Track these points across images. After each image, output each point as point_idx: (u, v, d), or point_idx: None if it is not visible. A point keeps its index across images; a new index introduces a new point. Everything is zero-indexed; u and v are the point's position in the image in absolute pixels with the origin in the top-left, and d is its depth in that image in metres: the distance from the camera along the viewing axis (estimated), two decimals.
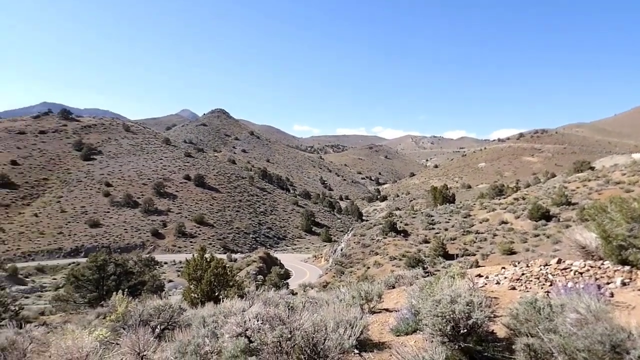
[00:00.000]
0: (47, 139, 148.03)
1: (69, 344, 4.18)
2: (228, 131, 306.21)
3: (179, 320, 8.72)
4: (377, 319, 6.96)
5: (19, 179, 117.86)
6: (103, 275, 28.14)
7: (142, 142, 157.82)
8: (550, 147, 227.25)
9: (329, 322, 5.16)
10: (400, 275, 12.62)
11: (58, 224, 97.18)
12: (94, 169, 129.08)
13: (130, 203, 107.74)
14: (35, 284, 59.09)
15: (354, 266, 46.21)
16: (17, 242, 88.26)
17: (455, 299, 4.81)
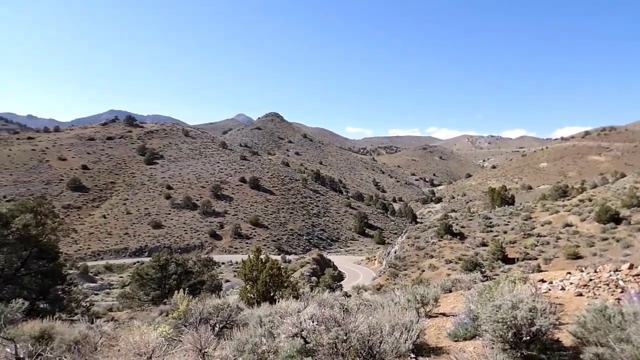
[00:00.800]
0: (114, 144, 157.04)
1: (137, 339, 4.42)
2: (282, 134, 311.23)
3: (237, 319, 8.95)
4: (433, 323, 6.83)
5: (89, 183, 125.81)
6: (165, 275, 29.38)
7: (200, 147, 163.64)
8: (619, 146, 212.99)
9: (385, 325, 5.11)
10: (457, 279, 12.30)
11: (124, 225, 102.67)
12: (156, 173, 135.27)
13: (189, 205, 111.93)
14: (104, 282, 62.70)
15: (408, 269, 45.50)
16: (87, 242, 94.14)
17: (516, 305, 4.62)
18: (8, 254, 19.57)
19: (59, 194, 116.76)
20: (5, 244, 19.16)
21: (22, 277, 20.02)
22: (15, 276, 19.80)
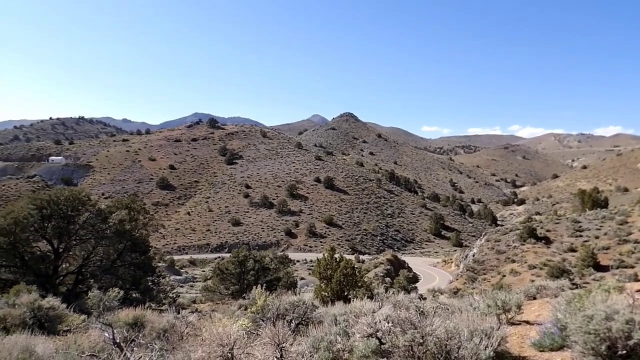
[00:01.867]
0: (197, 145, 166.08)
1: (220, 331, 4.65)
2: (356, 134, 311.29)
3: (312, 316, 9.10)
4: (516, 331, 6.50)
5: (175, 182, 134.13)
6: (244, 270, 30.55)
7: (277, 147, 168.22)
8: None
9: (463, 330, 4.95)
10: (542, 286, 11.59)
11: (206, 222, 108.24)
12: (236, 172, 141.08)
13: (266, 204, 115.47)
14: (188, 275, 66.47)
15: (487, 273, 43.58)
16: (174, 237, 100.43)
17: (611, 316, 4.28)
18: (106, 247, 21.44)
19: (149, 192, 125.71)
20: (104, 237, 20.99)
21: (117, 268, 21.81)
22: (112, 267, 21.62)
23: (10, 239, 18.70)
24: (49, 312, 10.45)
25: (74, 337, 6.32)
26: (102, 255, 21.99)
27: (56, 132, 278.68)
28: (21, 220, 18.98)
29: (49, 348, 5.56)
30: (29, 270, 19.69)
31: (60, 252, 20.64)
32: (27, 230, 19.42)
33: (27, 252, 19.89)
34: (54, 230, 20.16)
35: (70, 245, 21.04)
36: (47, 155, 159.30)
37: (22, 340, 5.11)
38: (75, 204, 20.56)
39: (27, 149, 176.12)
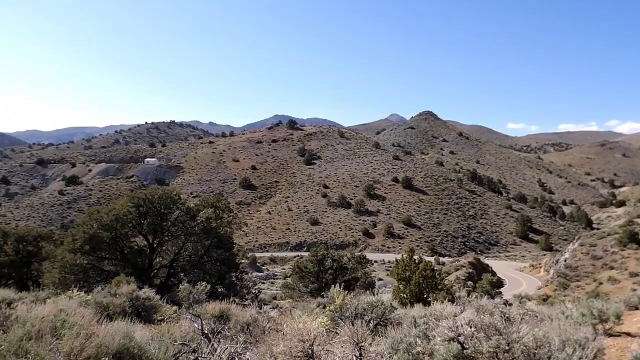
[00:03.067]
0: (277, 146, 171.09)
1: (300, 327, 4.78)
2: (435, 133, 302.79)
3: (390, 317, 9.03)
4: (614, 343, 5.99)
5: (257, 182, 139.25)
6: (322, 269, 31.00)
7: (354, 147, 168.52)
8: None
9: (553, 339, 4.66)
10: None
11: (286, 221, 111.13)
12: (314, 173, 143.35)
13: (344, 204, 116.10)
14: (269, 272, 68.69)
15: (580, 280, 40.44)
16: (255, 235, 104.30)
17: None
18: (195, 243, 22.77)
19: (232, 191, 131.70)
20: (192, 234, 22.32)
21: (205, 264, 23.08)
22: (200, 262, 22.92)
23: (112, 233, 20.52)
24: (145, 302, 11.32)
25: (167, 326, 6.81)
26: (190, 250, 23.38)
27: (150, 136, 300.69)
28: (121, 217, 20.75)
29: (146, 335, 6.03)
30: (128, 263, 21.45)
31: (155, 247, 22.26)
32: (127, 226, 21.18)
33: (126, 246, 21.69)
34: (149, 226, 21.79)
35: (163, 241, 22.61)
36: (143, 157, 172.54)
37: (123, 327, 5.60)
38: (167, 202, 22.08)
39: (125, 151, 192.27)
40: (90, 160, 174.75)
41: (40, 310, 8.16)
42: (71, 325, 6.10)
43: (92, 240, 20.07)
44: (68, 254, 19.86)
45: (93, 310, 8.82)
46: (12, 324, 7.42)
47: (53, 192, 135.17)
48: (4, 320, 8.00)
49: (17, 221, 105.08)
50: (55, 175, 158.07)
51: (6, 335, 6.10)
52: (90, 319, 6.45)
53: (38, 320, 6.61)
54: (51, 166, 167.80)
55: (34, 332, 5.96)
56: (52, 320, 6.55)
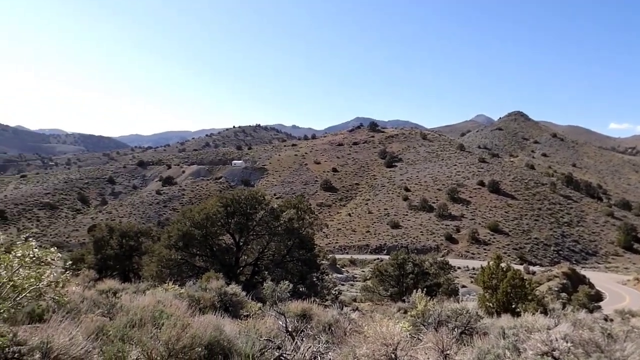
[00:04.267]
0: (358, 149, 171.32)
1: (384, 330, 4.76)
2: (526, 134, 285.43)
3: (476, 326, 8.68)
4: None
5: (337, 184, 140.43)
6: (402, 273, 30.54)
7: (437, 149, 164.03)
8: None
9: None
10: None
11: (366, 224, 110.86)
12: (395, 175, 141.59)
13: (425, 207, 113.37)
14: (349, 274, 68.93)
15: None
16: (336, 237, 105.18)
17: None
18: (278, 243, 23.53)
19: (314, 193, 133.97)
20: (276, 234, 23.08)
21: (287, 263, 23.74)
22: (283, 261, 23.62)
23: (203, 231, 21.84)
24: (232, 298, 11.88)
25: (253, 322, 7.12)
26: (274, 250, 24.19)
27: (238, 139, 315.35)
28: (211, 216, 22.01)
29: (234, 329, 6.35)
30: (216, 260, 22.68)
31: (241, 245, 23.33)
32: (216, 225, 22.43)
33: (215, 244, 22.97)
34: (236, 225, 22.88)
35: (248, 240, 23.63)
36: (231, 159, 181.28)
37: (214, 320, 5.94)
38: (253, 202, 23.05)
39: (215, 154, 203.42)
40: (184, 162, 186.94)
41: (141, 300, 8.88)
42: (168, 316, 6.59)
43: (185, 237, 21.49)
44: (164, 249, 21.43)
45: (186, 303, 9.42)
46: (117, 311, 8.16)
47: (151, 191, 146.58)
48: (110, 308, 8.82)
49: (120, 218, 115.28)
50: (154, 176, 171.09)
51: (112, 322, 6.73)
52: (185, 311, 6.90)
53: (139, 309, 7.20)
54: (150, 167, 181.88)
55: (136, 320, 6.52)
56: (151, 310, 7.11)
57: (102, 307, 8.74)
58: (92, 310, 8.33)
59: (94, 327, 5.38)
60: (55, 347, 4.13)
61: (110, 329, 5.30)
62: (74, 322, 5.85)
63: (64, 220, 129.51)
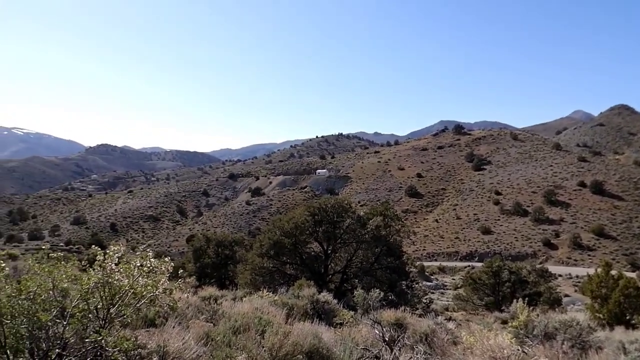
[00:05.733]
0: (443, 153, 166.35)
1: (491, 343, 4.53)
2: (633, 129, 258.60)
3: (588, 340, 7.98)
4: None
5: (423, 189, 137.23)
6: (498, 281, 28.97)
7: (530, 150, 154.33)
8: None
9: None
10: None
11: (454, 230, 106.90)
12: (484, 179, 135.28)
13: (519, 211, 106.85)
14: (438, 282, 66.76)
15: None
16: (423, 244, 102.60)
17: None
18: (365, 250, 23.45)
19: (399, 200, 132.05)
20: (363, 241, 23.03)
21: (375, 271, 23.55)
22: (371, 269, 23.48)
23: (292, 240, 22.39)
24: (325, 306, 12.03)
25: (348, 330, 7.13)
26: (362, 257, 24.12)
27: (321, 148, 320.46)
28: (300, 224, 22.50)
29: (331, 337, 6.40)
30: (306, 268, 23.11)
31: (329, 253, 23.56)
32: (304, 233, 22.88)
33: (304, 252, 23.42)
34: (324, 233, 23.17)
35: (336, 248, 23.80)
36: (315, 168, 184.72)
37: (312, 328, 6.04)
38: (339, 211, 23.21)
39: (299, 164, 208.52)
40: (271, 173, 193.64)
41: (240, 307, 9.29)
42: (267, 322, 6.82)
43: (276, 246, 22.17)
44: (257, 257, 22.28)
45: (281, 310, 9.70)
46: (220, 317, 8.60)
47: (242, 202, 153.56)
48: (213, 314, 9.33)
49: (214, 228, 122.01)
50: (243, 187, 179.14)
51: (216, 328, 7.11)
52: (283, 318, 7.10)
53: (240, 316, 7.53)
54: (240, 179, 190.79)
55: (237, 326, 6.83)
56: (250, 317, 7.41)
57: (205, 313, 9.26)
58: (196, 315, 8.87)
59: (202, 332, 5.71)
60: (170, 351, 4.45)
61: (217, 335, 5.60)
62: (182, 327, 6.27)
63: (166, 231, 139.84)
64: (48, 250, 5.15)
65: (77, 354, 4.24)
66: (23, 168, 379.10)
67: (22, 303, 4.26)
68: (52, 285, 4.43)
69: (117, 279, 4.58)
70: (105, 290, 4.56)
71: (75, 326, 4.38)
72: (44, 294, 4.40)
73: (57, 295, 4.55)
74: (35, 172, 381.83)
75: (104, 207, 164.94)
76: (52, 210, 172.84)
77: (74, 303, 4.45)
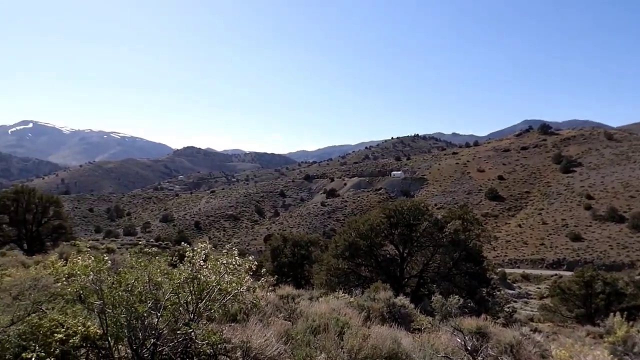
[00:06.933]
0: (528, 154, 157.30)
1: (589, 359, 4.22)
2: None
3: None
4: None
5: (504, 192, 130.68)
6: (590, 292, 26.84)
7: (627, 151, 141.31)
8: None
9: None
10: None
11: (540, 235, 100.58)
12: (574, 182, 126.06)
13: (614, 217, 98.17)
14: (521, 290, 63.20)
15: None
16: (504, 250, 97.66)
17: None
18: (443, 255, 22.77)
19: (478, 203, 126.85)
20: (440, 245, 22.39)
21: (454, 276, 22.80)
22: (449, 274, 22.76)
23: (367, 242, 22.31)
24: (401, 310, 11.83)
25: (427, 336, 6.95)
26: (439, 262, 23.44)
27: (396, 150, 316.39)
28: (375, 226, 22.37)
29: (409, 342, 6.28)
30: (381, 271, 22.91)
31: (405, 256, 23.17)
32: (380, 236, 22.70)
33: (380, 255, 23.23)
34: (400, 236, 22.83)
35: (412, 251, 23.35)
36: (390, 170, 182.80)
37: (391, 332, 5.97)
38: (416, 213, 22.75)
39: (374, 165, 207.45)
40: (345, 175, 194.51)
41: (317, 307, 9.41)
42: (344, 324, 6.83)
43: (351, 247, 22.20)
44: (332, 258, 22.45)
45: (357, 312, 9.68)
46: (298, 316, 8.77)
47: (317, 203, 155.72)
48: (291, 312, 9.53)
49: (290, 228, 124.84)
50: (318, 188, 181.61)
51: (294, 327, 7.25)
52: (362, 320, 7.08)
53: (317, 316, 7.62)
54: (315, 181, 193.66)
55: (314, 326, 6.92)
56: (327, 317, 7.47)
57: (283, 311, 9.49)
58: (275, 313, 9.11)
59: (282, 330, 5.85)
60: (253, 347, 4.61)
61: (297, 334, 5.71)
62: (263, 324, 6.47)
63: (245, 230, 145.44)
64: (143, 246, 5.54)
65: (169, 345, 4.54)
66: (119, 169, 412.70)
67: (121, 294, 4.63)
68: (148, 278, 4.77)
69: (205, 275, 4.84)
70: (194, 285, 4.83)
71: (167, 318, 4.68)
72: (140, 286, 4.75)
73: (151, 288, 4.89)
74: (130, 173, 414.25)
75: (189, 206, 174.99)
76: (143, 208, 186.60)
77: (166, 296, 4.76)
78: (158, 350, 4.49)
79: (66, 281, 4.80)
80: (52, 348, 4.13)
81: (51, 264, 5.64)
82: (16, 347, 4.20)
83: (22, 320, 4.52)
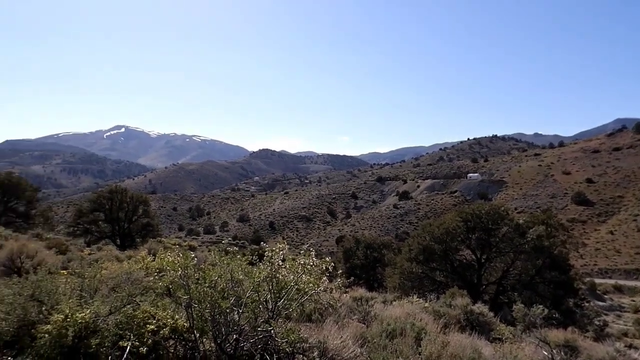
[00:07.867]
0: (621, 155, 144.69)
1: None
2: None
3: None
4: None
5: (593, 196, 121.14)
6: None
7: None
8: None
9: None
10: None
11: (635, 244, 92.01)
12: None
13: None
14: (613, 302, 58.17)
15: None
16: (593, 258, 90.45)
17: None
18: (524, 262, 21.57)
19: (563, 207, 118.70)
20: (522, 251, 21.22)
21: (537, 284, 21.50)
22: (531, 282, 21.50)
23: (442, 246, 21.68)
24: (479, 318, 11.36)
25: (509, 347, 6.61)
26: (520, 269, 22.24)
27: (472, 151, 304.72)
28: (451, 230, 21.68)
29: (490, 352, 6.01)
30: (457, 276, 22.14)
31: (483, 262, 22.22)
32: (455, 240, 21.97)
33: (455, 260, 22.47)
34: (477, 241, 21.95)
35: (490, 257, 22.34)
36: (465, 172, 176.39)
37: (471, 341, 5.75)
38: (495, 218, 21.75)
39: (449, 167, 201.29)
40: (419, 177, 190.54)
41: (392, 310, 9.30)
42: (420, 329, 6.69)
43: (426, 251, 21.69)
44: (406, 262, 22.08)
45: (432, 317, 9.44)
46: (372, 319, 8.72)
47: (389, 205, 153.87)
48: (365, 315, 9.50)
49: (362, 230, 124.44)
50: (391, 190, 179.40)
51: (369, 330, 7.21)
52: (440, 327, 6.89)
53: (392, 320, 7.53)
54: (387, 183, 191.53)
55: (389, 330, 6.84)
56: (402, 322, 7.35)
57: (357, 313, 9.48)
58: (349, 315, 9.13)
59: (357, 332, 5.85)
60: (330, 348, 4.65)
61: (372, 337, 5.68)
62: (338, 326, 6.50)
63: (317, 231, 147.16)
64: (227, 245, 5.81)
65: (250, 341, 4.71)
66: (200, 171, 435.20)
67: (206, 290, 4.88)
68: (230, 276, 4.99)
69: (283, 274, 4.97)
70: (273, 284, 4.97)
71: (247, 315, 4.86)
72: (223, 283, 4.97)
73: (233, 285, 5.10)
74: (210, 174, 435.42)
75: (264, 207, 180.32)
76: (222, 208, 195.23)
77: (247, 294, 4.95)
78: (240, 346, 4.68)
79: (157, 275, 5.15)
80: (145, 338, 4.44)
81: (142, 259, 6.07)
82: (114, 335, 4.56)
83: (118, 310, 4.90)
